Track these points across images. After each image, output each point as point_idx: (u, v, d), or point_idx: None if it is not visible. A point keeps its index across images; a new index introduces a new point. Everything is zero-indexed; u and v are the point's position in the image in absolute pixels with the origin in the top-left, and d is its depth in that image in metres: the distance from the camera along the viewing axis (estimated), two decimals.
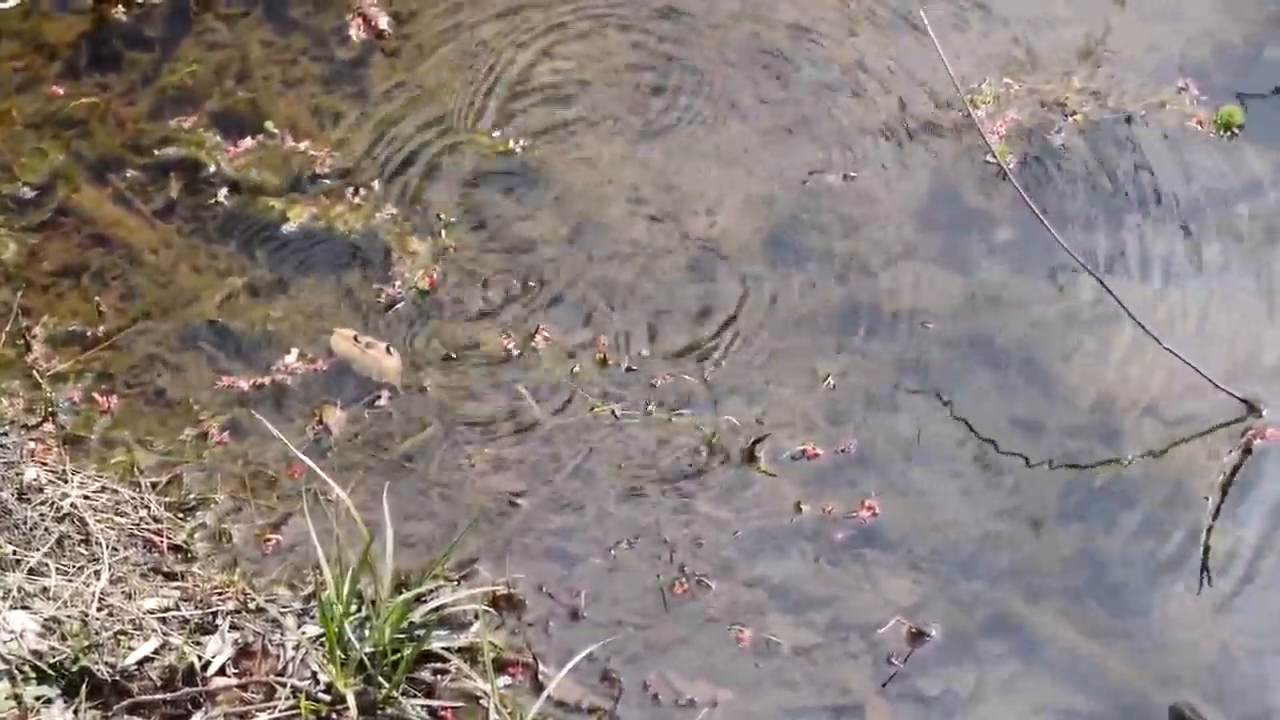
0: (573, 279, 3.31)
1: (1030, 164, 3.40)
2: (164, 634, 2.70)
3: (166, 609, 2.75)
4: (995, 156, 3.27)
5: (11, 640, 2.60)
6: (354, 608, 2.69)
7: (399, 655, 2.67)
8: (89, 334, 3.18)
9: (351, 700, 2.62)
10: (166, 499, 2.95)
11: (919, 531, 2.96)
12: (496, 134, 3.47)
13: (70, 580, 2.73)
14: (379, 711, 2.65)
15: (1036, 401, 3.11)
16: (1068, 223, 3.32)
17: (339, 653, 2.65)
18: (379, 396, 3.13)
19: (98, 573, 2.74)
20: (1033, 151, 3.42)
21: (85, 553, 2.79)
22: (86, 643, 2.65)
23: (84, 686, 2.62)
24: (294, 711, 2.64)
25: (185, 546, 2.91)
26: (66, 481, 2.87)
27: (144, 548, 2.88)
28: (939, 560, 2.94)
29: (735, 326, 3.24)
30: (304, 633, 2.74)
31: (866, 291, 3.28)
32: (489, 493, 3.00)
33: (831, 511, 2.99)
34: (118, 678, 2.65)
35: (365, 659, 2.65)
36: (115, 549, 2.83)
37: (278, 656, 2.72)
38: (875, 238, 3.36)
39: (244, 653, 2.72)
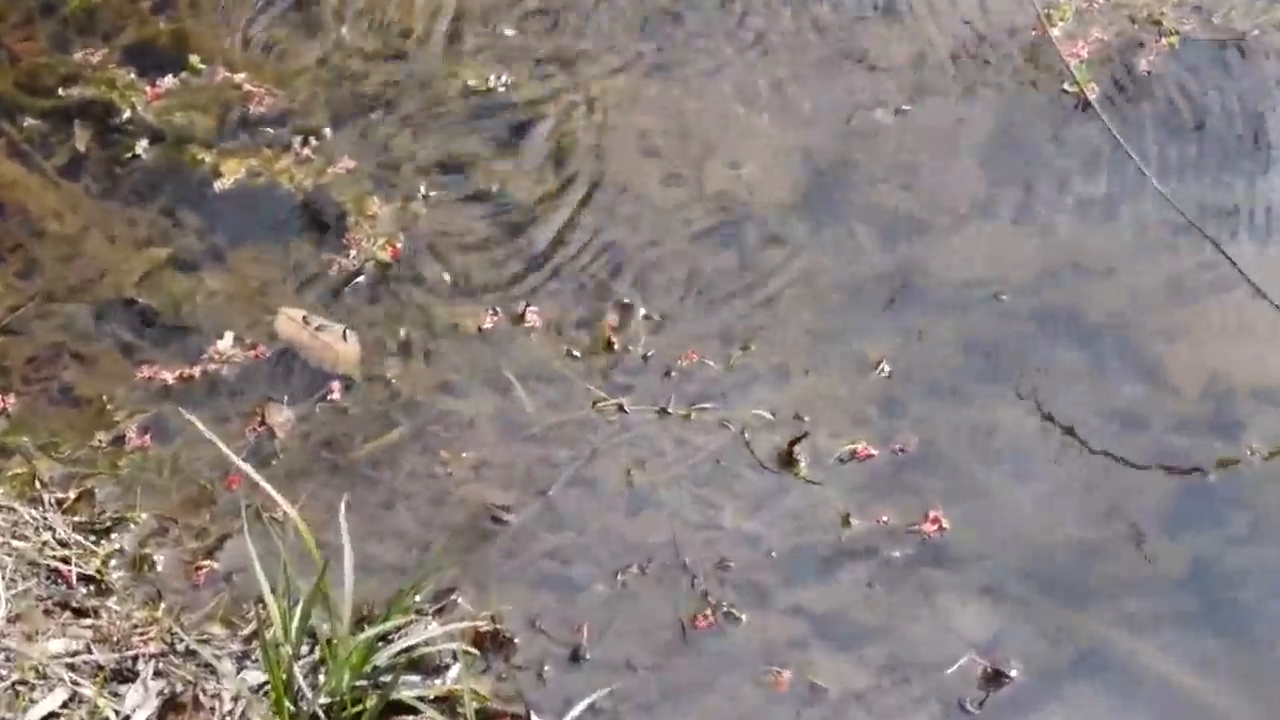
0: (569, 246, 3.32)
1: (1119, 95, 3.43)
2: (73, 683, 2.68)
3: (76, 653, 2.73)
4: (1076, 84, 3.31)
5: None
6: (305, 649, 2.70)
7: (361, 707, 2.65)
8: None
9: None
10: (75, 518, 2.95)
11: (995, 547, 2.95)
12: (476, 68, 3.53)
13: None
14: None
15: (1135, 388, 3.12)
16: (1168, 169, 3.34)
17: (287, 704, 2.63)
18: (333, 390, 3.12)
19: None
20: (1121, 79, 3.45)
21: None
22: None
23: None
24: None
25: (98, 576, 2.89)
26: None
27: (48, 578, 2.87)
28: (1019, 582, 2.92)
29: (768, 302, 3.25)
30: (244, 680, 2.72)
31: (926, 257, 3.28)
32: (469, 506, 3.00)
33: (887, 524, 2.97)
34: None
35: (319, 712, 2.64)
36: (12, 580, 2.81)
37: (212, 709, 2.70)
38: (935, 190, 3.37)
39: (171, 705, 2.70)
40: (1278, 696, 2.80)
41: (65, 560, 2.87)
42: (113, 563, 2.91)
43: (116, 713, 2.66)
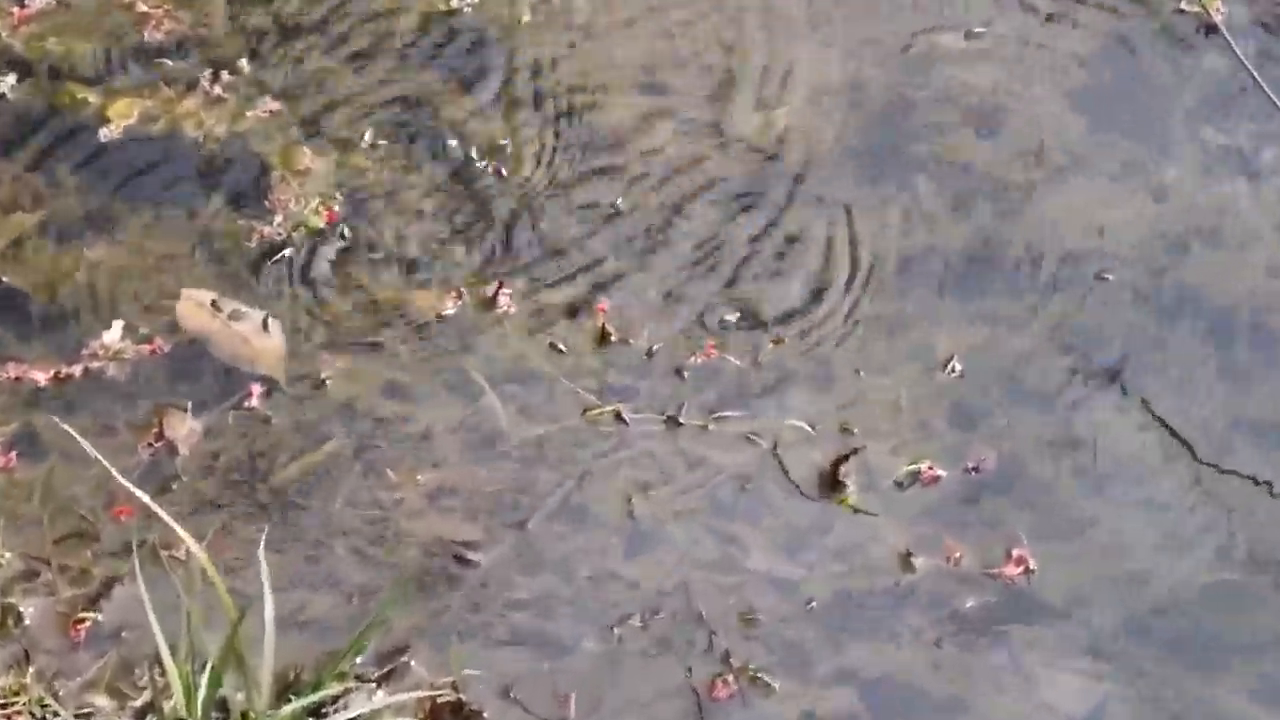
0: (553, 209, 3.33)
1: (1252, 15, 3.53)
2: None
3: None
4: (1199, 0, 3.40)
5: None
6: None
7: None
8: None
9: None
10: None
11: (1096, 595, 2.96)
12: None
13: None
14: None
15: (1278, 392, 3.14)
16: None
17: None
18: (251, 394, 3.12)
19: None
20: None
21: None
22: None
23: None
24: None
25: None
26: None
27: None
28: (1129, 641, 2.93)
29: (807, 282, 3.27)
30: None
31: (1008, 224, 3.32)
32: (425, 543, 3.00)
33: (959, 565, 2.98)
34: None
35: None
36: None
37: None
38: (1018, 137, 3.42)
39: None
40: None
41: None
42: None
43: None
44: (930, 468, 3.04)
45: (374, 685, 2.82)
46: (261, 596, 2.68)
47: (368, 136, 3.40)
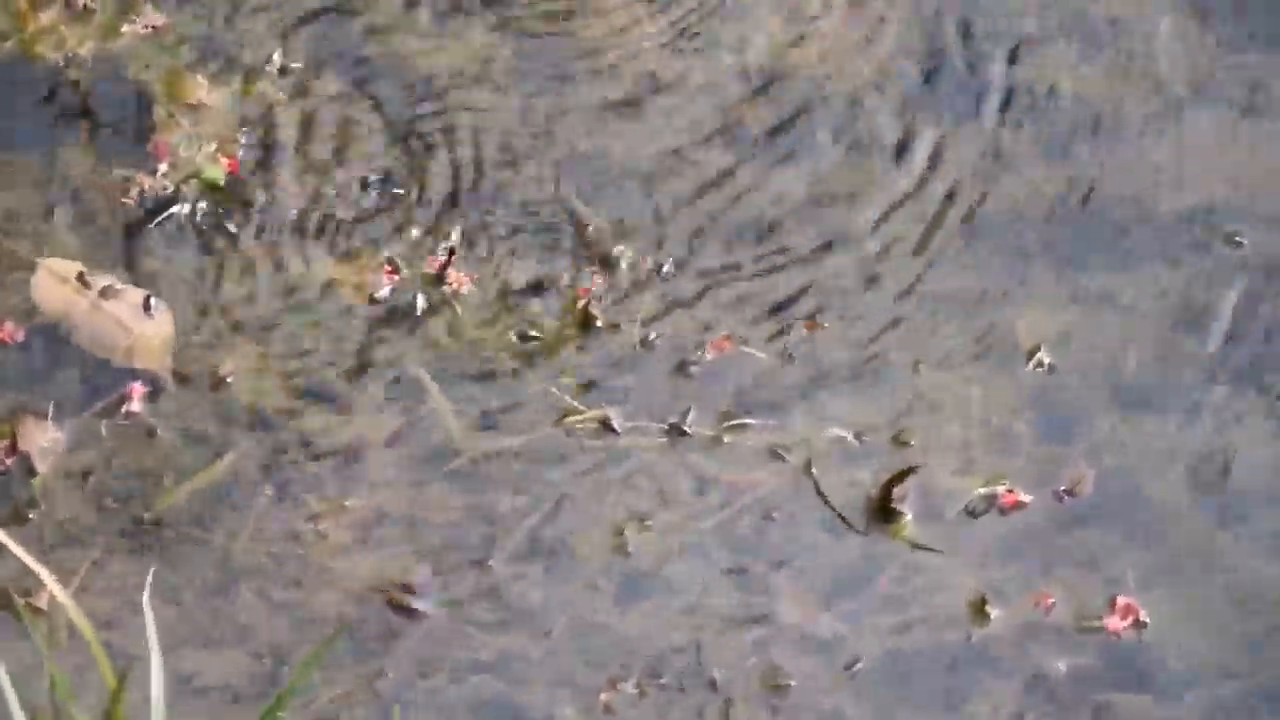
0: (518, 152, 3.37)
1: None
2: None
3: None
4: None
5: None
6: None
7: None
8: None
9: None
10: None
11: (1225, 656, 2.97)
12: None
13: None
14: None
15: None
16: None
17: None
18: (131, 395, 3.13)
19: None
20: None
21: None
22: None
23: None
24: None
25: None
26: None
27: None
28: (1267, 716, 2.93)
29: (849, 248, 3.28)
30: None
31: (1113, 172, 3.32)
32: (356, 587, 3.01)
33: (1049, 616, 2.99)
34: None
35: None
36: None
37: None
38: (1124, 63, 3.44)
39: None
40: None
41: None
42: None
43: None
44: (1010, 490, 3.06)
45: None
46: (147, 656, 2.64)
47: (277, 58, 3.41)
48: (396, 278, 3.25)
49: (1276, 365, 3.19)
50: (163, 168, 3.32)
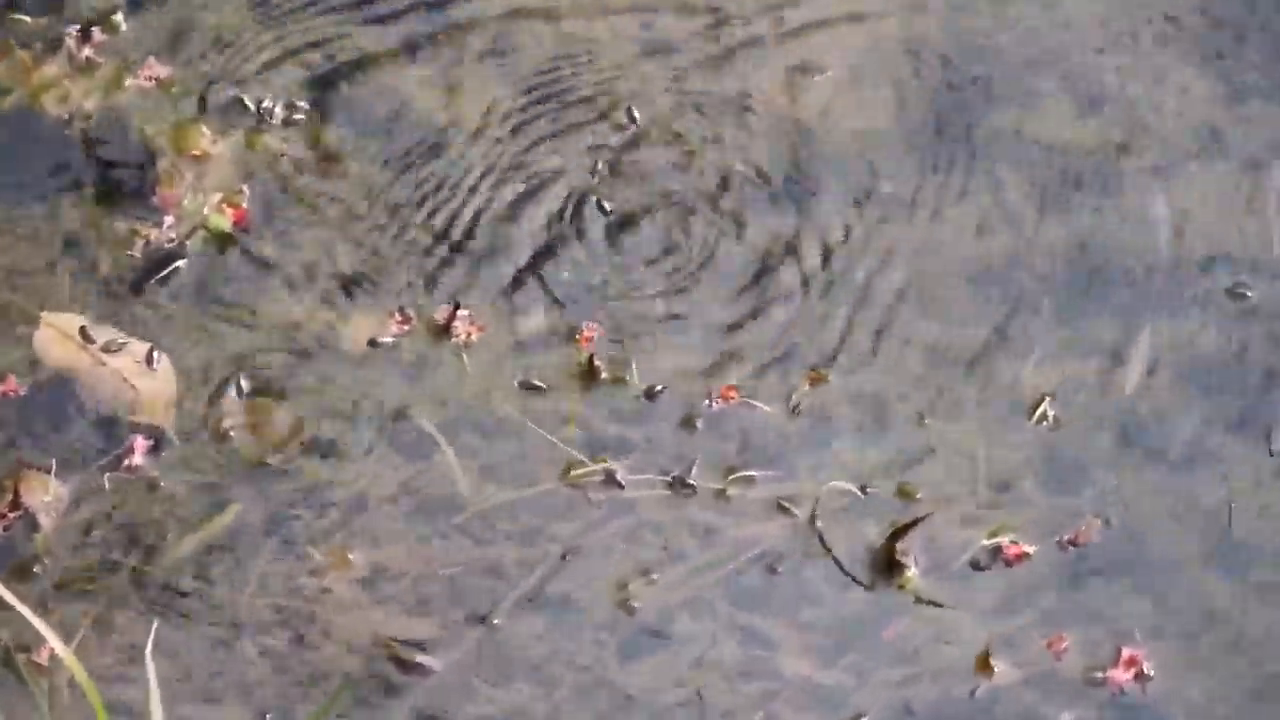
0: (523, 201, 3.38)
1: None
2: None
3: None
4: None
5: None
6: None
7: None
8: None
9: None
10: None
11: (1232, 710, 2.95)
12: None
13: None
14: None
15: None
16: None
17: None
18: (133, 450, 3.12)
19: None
20: None
21: None
22: None
23: None
24: None
25: None
26: None
27: None
28: None
29: (854, 297, 3.27)
30: None
31: (1118, 225, 3.31)
32: (359, 643, 2.99)
33: (1055, 669, 2.97)
34: None
35: None
36: None
37: None
38: (1133, 112, 3.42)
39: None
40: None
41: None
42: None
43: None
44: (1015, 542, 3.04)
45: None
46: (149, 712, 2.62)
47: (280, 108, 3.42)
48: (404, 325, 3.24)
49: None
50: (168, 221, 3.32)
